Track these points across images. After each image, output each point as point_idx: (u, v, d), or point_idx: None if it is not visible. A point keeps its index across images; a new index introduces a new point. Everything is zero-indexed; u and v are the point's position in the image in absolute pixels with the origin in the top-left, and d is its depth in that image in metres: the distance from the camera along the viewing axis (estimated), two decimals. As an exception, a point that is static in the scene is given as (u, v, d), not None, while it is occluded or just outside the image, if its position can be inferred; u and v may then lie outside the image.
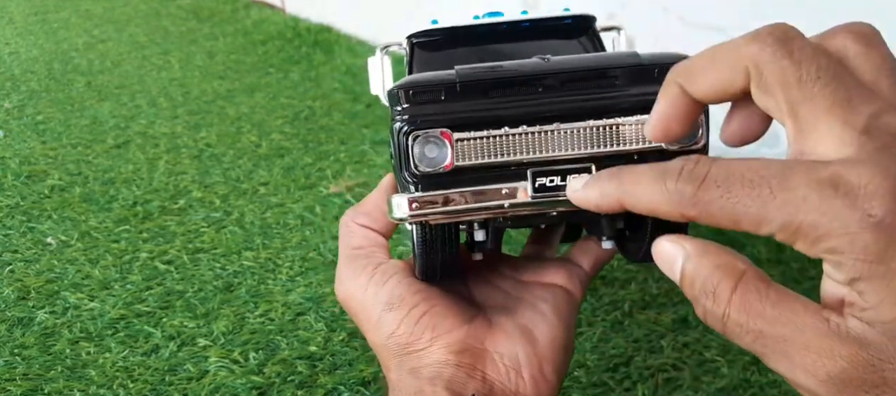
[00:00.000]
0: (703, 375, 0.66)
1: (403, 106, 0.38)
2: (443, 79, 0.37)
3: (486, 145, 0.38)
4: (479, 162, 0.38)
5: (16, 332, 0.77)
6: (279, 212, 1.00)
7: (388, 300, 0.42)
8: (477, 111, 0.38)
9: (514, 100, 0.38)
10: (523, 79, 0.37)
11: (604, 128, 0.38)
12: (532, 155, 0.38)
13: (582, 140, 0.38)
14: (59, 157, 1.20)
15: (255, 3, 2.27)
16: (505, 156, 0.38)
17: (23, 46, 1.88)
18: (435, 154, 0.38)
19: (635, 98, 0.38)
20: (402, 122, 0.38)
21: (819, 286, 0.27)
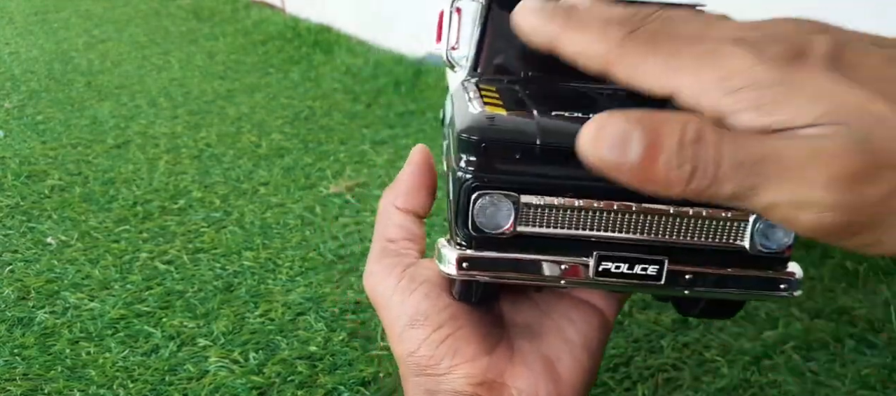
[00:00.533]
0: (703, 375, 0.66)
1: (472, 158, 0.34)
2: (522, 137, 0.33)
3: (553, 215, 0.34)
4: (542, 231, 0.34)
5: (16, 332, 0.76)
6: (279, 212, 1.00)
7: (413, 315, 0.40)
8: (551, 178, 0.34)
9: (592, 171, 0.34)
10: None
11: (684, 219, 0.34)
12: (602, 232, 0.34)
13: (658, 227, 0.34)
14: (59, 157, 1.20)
15: (255, 4, 2.27)
16: (572, 228, 0.34)
17: (23, 46, 1.88)
18: (497, 216, 0.34)
19: None
20: (468, 176, 0.34)
21: (817, 286, 0.27)
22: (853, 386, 0.64)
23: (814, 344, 0.69)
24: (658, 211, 0.33)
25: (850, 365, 0.66)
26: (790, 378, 0.65)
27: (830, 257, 0.81)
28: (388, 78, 1.53)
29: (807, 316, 0.72)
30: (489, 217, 0.34)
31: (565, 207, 0.34)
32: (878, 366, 0.66)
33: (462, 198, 0.34)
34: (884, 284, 0.76)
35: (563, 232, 0.34)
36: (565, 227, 0.34)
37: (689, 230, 0.34)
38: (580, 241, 0.34)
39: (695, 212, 0.33)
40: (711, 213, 0.33)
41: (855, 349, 0.68)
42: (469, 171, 0.34)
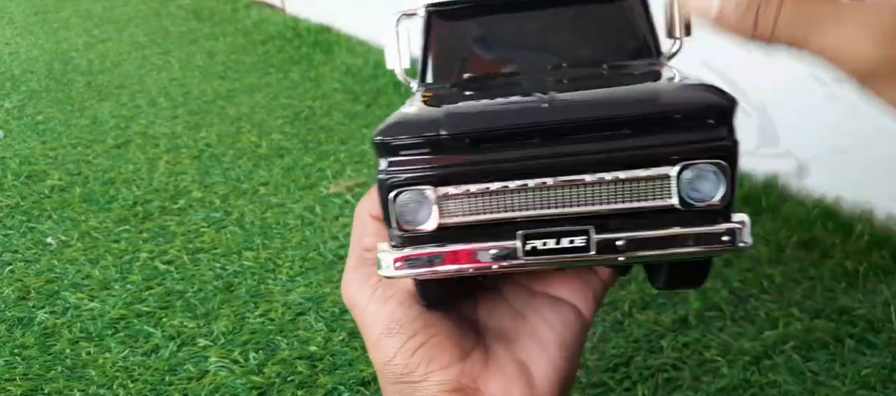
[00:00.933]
0: (703, 375, 0.66)
1: (387, 159, 0.34)
2: (428, 130, 0.33)
3: (473, 202, 0.34)
4: (466, 219, 0.34)
5: (16, 332, 0.77)
6: (279, 212, 1.00)
7: (387, 323, 0.41)
8: (464, 165, 0.34)
9: (506, 152, 0.33)
10: (517, 131, 0.33)
11: (605, 185, 0.33)
12: (525, 212, 0.34)
13: (580, 197, 0.33)
14: (59, 157, 1.20)
15: (255, 4, 2.27)
16: (495, 213, 0.34)
17: (23, 46, 1.88)
18: (419, 212, 0.34)
19: (647, 150, 0.33)
20: (385, 176, 0.34)
21: (818, 286, 0.27)
22: (853, 386, 0.64)
23: (814, 344, 0.69)
24: (575, 182, 0.33)
25: (850, 365, 0.66)
26: (790, 378, 0.65)
27: (830, 257, 0.81)
28: (388, 78, 1.53)
29: (807, 316, 0.72)
30: (411, 213, 0.34)
31: (483, 193, 0.34)
32: (878, 366, 0.66)
33: (384, 198, 0.35)
34: (884, 284, 0.76)
35: (486, 217, 0.34)
36: (488, 212, 0.34)
37: (611, 195, 0.33)
38: (506, 224, 0.34)
39: (612, 177, 0.33)
40: (630, 175, 0.33)
41: (855, 349, 0.68)
42: (386, 173, 0.34)
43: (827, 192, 0.97)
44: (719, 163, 0.32)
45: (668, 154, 0.32)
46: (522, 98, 0.35)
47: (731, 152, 0.33)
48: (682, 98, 0.33)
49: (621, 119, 0.33)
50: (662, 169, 0.33)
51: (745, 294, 0.77)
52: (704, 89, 0.33)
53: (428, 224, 0.34)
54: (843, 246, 0.83)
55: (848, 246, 0.83)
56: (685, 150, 0.32)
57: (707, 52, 1.07)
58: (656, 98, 0.33)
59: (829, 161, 0.98)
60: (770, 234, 0.87)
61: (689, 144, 0.32)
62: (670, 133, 0.32)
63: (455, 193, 0.34)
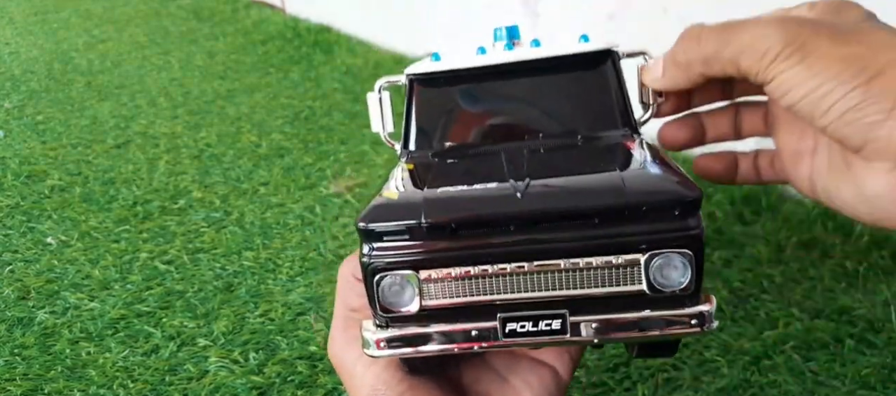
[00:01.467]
0: (702, 375, 0.66)
1: (370, 244, 0.36)
2: (408, 218, 0.35)
3: (454, 286, 0.36)
4: (447, 302, 0.36)
5: (16, 332, 0.77)
6: (279, 212, 1.00)
7: (374, 384, 0.41)
8: (445, 251, 0.35)
9: (484, 239, 0.35)
10: (494, 220, 0.35)
11: (578, 271, 0.35)
12: (503, 294, 0.36)
13: (555, 282, 0.35)
14: (60, 157, 1.20)
15: (255, 4, 2.27)
16: (475, 296, 0.36)
17: (23, 46, 1.88)
18: (401, 295, 0.36)
19: (617, 239, 0.34)
20: (368, 260, 0.36)
21: (818, 286, 0.27)
22: (853, 386, 0.64)
23: (814, 344, 0.69)
24: (550, 267, 0.35)
25: (849, 365, 0.66)
26: (790, 378, 0.65)
27: (830, 257, 0.82)
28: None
29: (807, 316, 0.73)
30: (395, 296, 0.36)
31: (463, 277, 0.36)
32: (878, 366, 0.66)
33: (368, 282, 0.36)
34: (884, 284, 0.76)
35: (467, 300, 0.36)
36: (468, 295, 0.36)
37: (585, 281, 0.35)
38: (486, 306, 0.36)
39: (585, 263, 0.35)
40: (602, 262, 0.35)
41: (855, 349, 0.68)
42: (369, 257, 0.36)
43: (827, 192, 0.97)
44: (685, 251, 0.34)
45: (637, 243, 0.34)
46: (499, 185, 0.37)
47: (696, 241, 0.34)
48: (650, 190, 0.35)
49: (591, 210, 0.34)
50: (632, 256, 0.34)
51: (744, 294, 0.77)
52: (672, 180, 0.35)
53: (410, 306, 0.36)
54: (842, 247, 0.83)
55: (848, 247, 0.83)
56: (653, 240, 0.34)
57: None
58: (625, 190, 0.34)
59: (829, 161, 0.98)
60: (770, 234, 0.87)
61: (656, 234, 0.34)
62: (639, 223, 0.34)
63: (436, 277, 0.36)
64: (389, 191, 0.38)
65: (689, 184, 0.35)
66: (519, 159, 0.41)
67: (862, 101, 0.36)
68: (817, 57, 0.37)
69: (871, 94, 0.36)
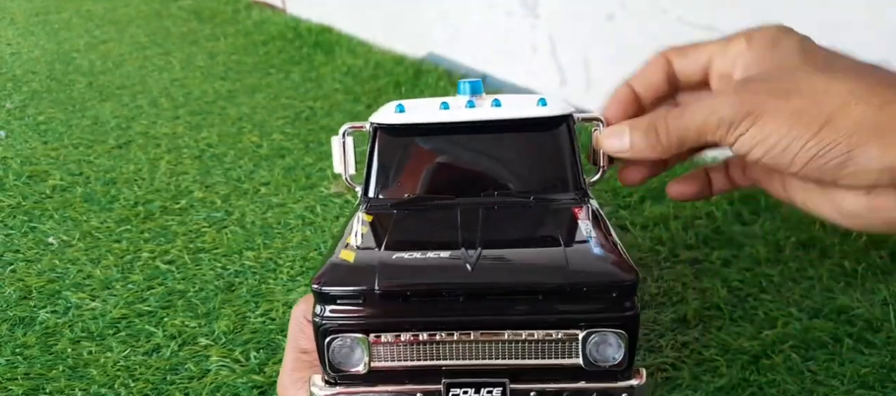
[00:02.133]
0: (701, 374, 0.66)
1: (323, 306, 0.37)
2: (363, 284, 0.36)
3: (402, 350, 0.37)
4: (395, 365, 0.38)
5: (17, 332, 0.77)
6: (280, 212, 1.00)
7: None
8: (395, 317, 0.37)
9: (433, 307, 0.37)
10: (445, 290, 0.36)
11: (520, 342, 0.37)
12: (449, 360, 0.37)
13: (499, 351, 0.37)
14: (61, 158, 1.20)
15: (256, 4, 2.27)
16: (421, 360, 0.38)
17: (24, 47, 1.88)
18: (350, 356, 0.38)
19: (558, 315, 0.37)
20: (321, 321, 0.37)
21: (816, 286, 0.28)
22: (852, 386, 0.64)
23: (812, 344, 0.69)
24: (495, 337, 0.37)
25: (848, 365, 0.66)
26: (789, 378, 0.65)
27: (829, 257, 0.82)
28: (389, 78, 1.54)
29: (805, 316, 0.73)
30: (344, 357, 0.38)
31: (412, 342, 0.37)
32: (876, 366, 0.66)
33: (319, 341, 0.38)
34: (882, 283, 0.76)
35: (414, 364, 0.38)
36: (416, 360, 0.38)
37: (526, 352, 0.37)
38: (431, 371, 0.38)
39: (527, 335, 0.37)
40: (543, 335, 0.37)
41: (853, 348, 0.68)
42: (322, 318, 0.37)
43: (826, 192, 0.97)
44: (620, 331, 0.37)
45: (576, 320, 0.36)
46: (451, 254, 0.38)
47: (631, 321, 0.37)
48: (591, 272, 0.37)
49: (536, 288, 0.37)
50: (571, 332, 0.37)
51: (743, 293, 0.77)
52: (612, 264, 0.37)
53: (359, 367, 0.38)
54: (841, 246, 0.83)
55: (846, 246, 0.83)
56: (591, 319, 0.37)
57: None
58: (568, 271, 0.37)
59: (829, 161, 0.98)
60: (768, 234, 0.87)
61: (594, 314, 0.37)
62: (579, 302, 0.36)
63: (385, 341, 0.37)
64: (346, 251, 0.40)
65: (628, 267, 0.37)
66: (473, 220, 0.43)
67: (820, 151, 0.40)
68: (768, 118, 0.41)
69: (824, 143, 0.40)
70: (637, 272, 0.37)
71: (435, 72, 1.53)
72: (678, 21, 1.04)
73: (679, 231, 0.89)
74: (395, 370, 0.38)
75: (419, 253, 0.38)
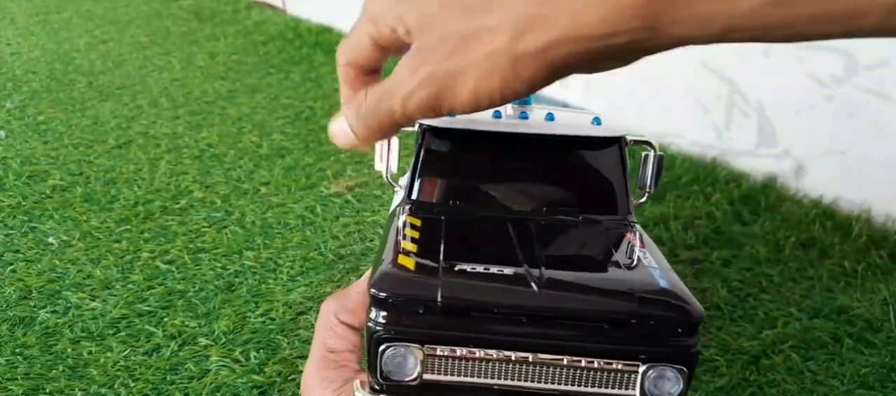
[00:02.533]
0: (702, 374, 0.66)
1: (381, 312, 0.36)
2: (425, 295, 0.35)
3: (457, 364, 0.37)
4: (448, 378, 0.37)
5: (17, 332, 0.77)
6: (280, 212, 1.00)
7: None
8: (453, 330, 0.36)
9: (494, 325, 0.36)
10: (509, 311, 0.36)
11: (579, 369, 0.36)
12: (503, 380, 0.37)
13: (555, 376, 0.36)
14: (61, 157, 1.20)
15: (256, 4, 2.27)
16: (475, 377, 0.37)
17: (24, 47, 1.88)
18: (403, 366, 0.37)
19: (621, 346, 0.36)
20: (376, 327, 0.36)
21: (816, 286, 0.27)
22: (852, 385, 0.64)
23: (812, 344, 0.69)
24: (552, 361, 0.36)
25: (848, 365, 0.66)
26: (789, 378, 0.65)
27: (828, 257, 0.82)
28: (389, 78, 1.54)
29: (805, 316, 0.73)
30: (397, 366, 0.37)
31: (467, 358, 0.36)
32: (876, 366, 0.66)
33: (372, 347, 0.37)
34: (882, 284, 0.76)
35: (466, 380, 0.37)
36: (468, 376, 0.37)
37: (583, 379, 0.36)
38: (483, 389, 0.37)
39: (587, 363, 0.36)
40: (603, 365, 0.36)
41: (853, 348, 0.68)
42: (378, 324, 0.36)
43: (825, 192, 0.98)
44: (681, 368, 0.36)
45: (638, 352, 0.35)
46: (515, 271, 0.38)
47: (692, 360, 0.36)
48: (659, 305, 0.36)
49: (603, 316, 0.36)
50: (631, 363, 0.36)
51: (743, 293, 0.77)
52: (680, 298, 0.36)
53: (410, 378, 0.37)
54: (841, 246, 0.83)
55: (846, 246, 0.83)
56: (654, 352, 0.36)
57: (705, 53, 1.08)
58: (636, 301, 0.36)
59: (827, 161, 0.98)
60: (768, 234, 0.87)
61: (657, 347, 0.36)
62: (643, 334, 0.35)
63: (440, 354, 0.36)
64: (404, 258, 0.39)
65: (693, 304, 0.36)
66: (527, 235, 0.42)
67: None
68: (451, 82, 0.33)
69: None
70: (701, 310, 0.36)
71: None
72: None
73: (679, 231, 0.89)
74: (448, 384, 0.37)
75: (482, 266, 0.38)
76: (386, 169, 0.51)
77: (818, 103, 0.97)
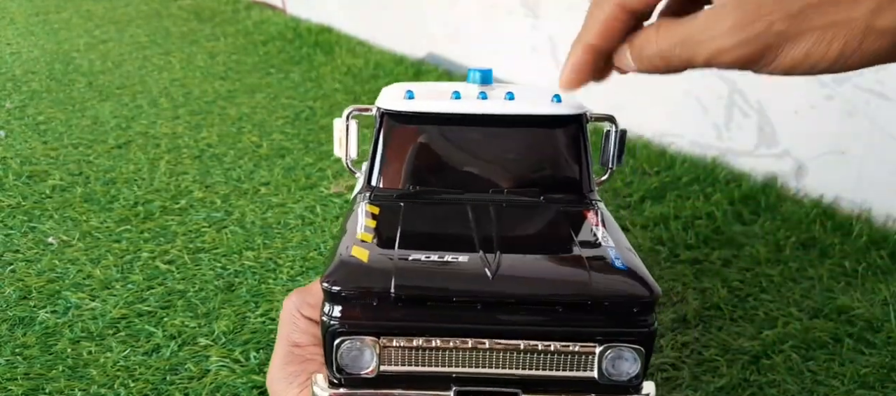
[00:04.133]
0: (702, 374, 0.66)
1: (334, 306, 0.36)
2: (378, 285, 0.35)
3: (413, 354, 0.36)
4: (404, 369, 0.36)
5: (17, 332, 0.77)
6: (280, 212, 1.00)
7: None
8: (408, 321, 0.36)
9: (450, 314, 0.36)
10: (463, 299, 0.35)
11: (536, 353, 0.36)
12: (461, 368, 0.36)
13: (512, 361, 0.36)
14: (61, 157, 1.20)
15: (256, 4, 2.27)
16: (433, 366, 0.36)
17: (24, 47, 1.88)
18: (359, 359, 0.36)
19: (576, 328, 0.36)
20: (330, 321, 0.36)
21: (816, 285, 0.27)
22: (852, 385, 0.64)
23: (812, 344, 0.69)
24: (510, 346, 0.36)
25: (848, 365, 0.66)
26: (789, 378, 0.65)
27: (829, 257, 0.82)
28: (389, 78, 1.54)
29: (805, 316, 0.73)
30: (353, 360, 0.36)
31: (424, 347, 0.36)
32: (876, 366, 0.66)
33: (327, 342, 0.36)
34: (882, 283, 0.76)
35: (424, 369, 0.36)
36: (426, 365, 0.36)
37: (541, 363, 0.36)
38: (441, 378, 0.36)
39: (544, 346, 0.36)
40: (560, 347, 0.36)
41: (853, 348, 0.68)
42: (332, 319, 0.36)
43: (825, 192, 0.98)
44: (638, 347, 0.36)
45: (594, 334, 0.36)
46: (470, 257, 0.37)
47: (649, 338, 0.36)
48: (613, 287, 0.36)
49: (557, 299, 0.36)
50: (588, 345, 0.36)
51: (744, 293, 0.77)
52: (634, 278, 0.36)
53: (367, 371, 0.36)
54: (841, 246, 0.83)
55: (846, 246, 0.83)
56: (609, 333, 0.36)
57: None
58: (590, 284, 0.36)
59: (828, 161, 0.98)
60: (769, 234, 0.87)
61: (613, 328, 0.36)
62: (598, 315, 0.35)
63: (397, 345, 0.36)
64: (358, 248, 0.38)
65: (649, 282, 0.36)
66: (486, 219, 0.42)
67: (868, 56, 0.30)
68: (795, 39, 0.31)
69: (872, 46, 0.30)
70: (657, 288, 0.36)
71: (435, 72, 1.53)
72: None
73: (679, 231, 0.89)
74: (405, 374, 0.37)
75: (436, 254, 0.37)
76: (345, 155, 0.51)
77: (818, 103, 0.97)
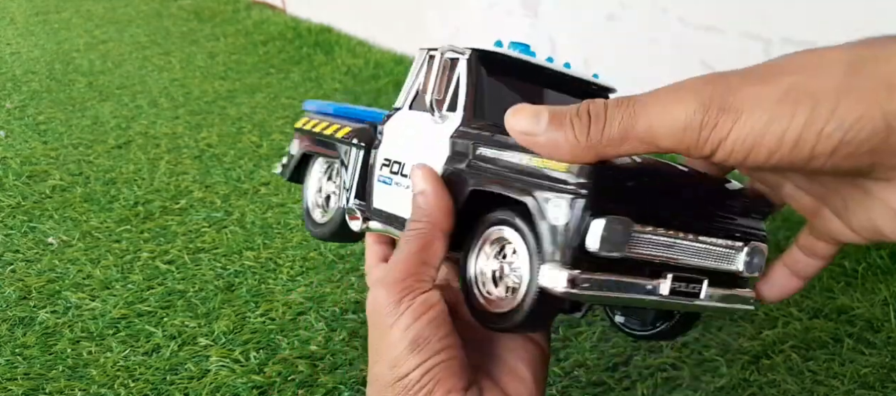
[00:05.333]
0: (702, 374, 0.66)
1: (591, 182, 0.35)
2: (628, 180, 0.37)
3: (652, 242, 0.38)
4: (642, 254, 0.37)
5: (17, 332, 0.77)
6: (280, 212, 1.00)
7: (415, 339, 0.41)
8: (655, 210, 0.38)
9: (673, 211, 0.39)
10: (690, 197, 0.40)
11: (720, 247, 0.41)
12: (678, 259, 0.39)
13: (712, 256, 0.40)
14: (61, 157, 1.20)
15: (256, 4, 2.27)
16: (654, 255, 0.38)
17: (24, 47, 1.88)
18: (614, 239, 0.36)
19: (744, 229, 0.42)
20: (586, 200, 0.35)
21: (816, 285, 0.27)
22: (852, 386, 0.64)
23: (812, 344, 0.69)
24: (710, 243, 0.40)
25: (848, 365, 0.66)
26: (789, 378, 0.65)
27: (829, 257, 0.82)
28: (389, 78, 1.54)
29: (806, 316, 0.73)
30: (607, 239, 0.35)
31: (664, 237, 0.38)
32: (876, 366, 0.66)
33: (574, 220, 0.36)
34: (882, 283, 0.76)
35: (649, 255, 0.38)
36: (650, 253, 0.38)
37: (714, 257, 0.41)
38: (658, 265, 0.39)
39: (725, 243, 0.41)
40: (726, 244, 0.41)
41: (853, 348, 0.68)
42: (588, 195, 0.35)
43: (826, 192, 0.97)
44: (765, 246, 0.42)
45: (748, 234, 0.41)
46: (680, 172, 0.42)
47: (768, 239, 0.43)
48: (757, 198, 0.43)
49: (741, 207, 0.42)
50: (739, 243, 0.41)
51: (744, 293, 0.77)
52: (754, 192, 0.43)
53: (616, 253, 0.36)
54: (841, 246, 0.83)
55: (846, 246, 0.83)
56: (756, 234, 0.42)
57: (705, 53, 1.08)
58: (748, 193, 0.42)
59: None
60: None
61: (755, 230, 0.42)
62: (749, 219, 0.42)
63: (643, 231, 0.37)
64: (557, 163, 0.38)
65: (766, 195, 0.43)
66: None
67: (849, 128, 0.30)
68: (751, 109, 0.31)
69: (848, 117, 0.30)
70: None
71: (435, 72, 1.52)
72: (678, 21, 1.04)
73: (679, 231, 0.89)
74: (638, 260, 0.38)
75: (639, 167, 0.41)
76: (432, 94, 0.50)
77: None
